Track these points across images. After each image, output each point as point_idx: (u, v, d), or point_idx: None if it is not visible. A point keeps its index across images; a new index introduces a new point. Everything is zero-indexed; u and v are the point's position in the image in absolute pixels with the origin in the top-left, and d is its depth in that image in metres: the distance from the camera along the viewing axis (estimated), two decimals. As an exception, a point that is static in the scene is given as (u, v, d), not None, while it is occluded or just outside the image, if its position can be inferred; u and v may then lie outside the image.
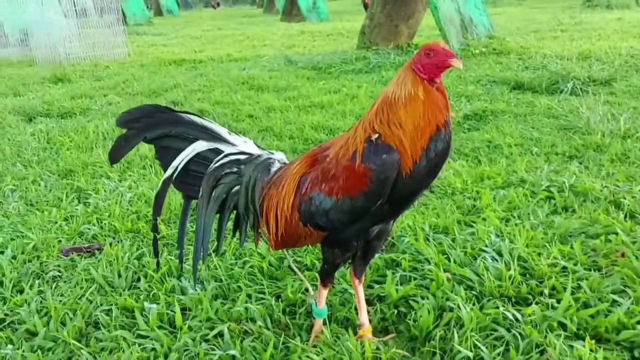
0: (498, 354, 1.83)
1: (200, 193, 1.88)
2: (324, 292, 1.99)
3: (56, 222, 3.20)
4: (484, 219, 2.89)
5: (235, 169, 1.90)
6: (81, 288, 2.46)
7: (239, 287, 2.37)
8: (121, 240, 2.93)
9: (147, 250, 2.77)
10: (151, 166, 4.11)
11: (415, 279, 2.33)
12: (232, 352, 1.93)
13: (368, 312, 2.15)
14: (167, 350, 1.98)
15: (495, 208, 3.03)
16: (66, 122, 5.75)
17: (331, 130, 4.96)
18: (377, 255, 2.45)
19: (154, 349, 1.99)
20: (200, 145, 1.88)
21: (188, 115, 1.90)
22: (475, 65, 7.68)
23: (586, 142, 4.10)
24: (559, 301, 2.09)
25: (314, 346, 1.94)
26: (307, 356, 1.84)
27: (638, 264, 2.27)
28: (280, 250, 2.60)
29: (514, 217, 2.95)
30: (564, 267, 2.36)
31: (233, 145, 1.92)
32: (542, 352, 1.82)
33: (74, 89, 7.73)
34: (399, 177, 1.63)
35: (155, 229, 2.01)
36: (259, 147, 1.99)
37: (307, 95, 6.49)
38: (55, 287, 2.51)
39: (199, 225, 1.92)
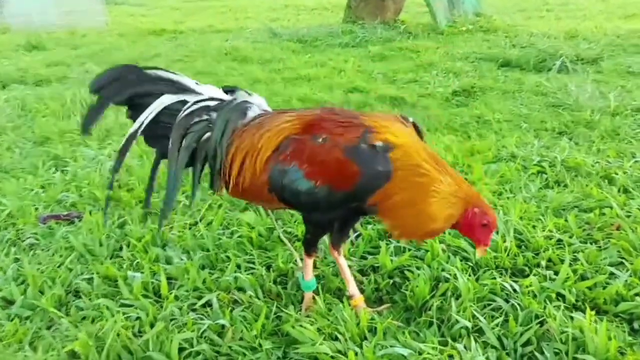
0: (497, 325, 1.79)
1: (170, 144, 1.77)
2: (309, 262, 1.92)
3: (32, 190, 3.06)
4: (476, 192, 2.84)
5: (205, 117, 1.80)
6: (60, 256, 2.35)
7: (228, 257, 2.28)
8: (101, 209, 2.81)
9: (129, 218, 2.65)
10: (132, 135, 3.95)
11: (409, 250, 2.26)
12: (221, 321, 1.85)
13: (361, 282, 2.09)
14: (152, 319, 1.88)
15: (487, 181, 2.97)
16: (42, 89, 5.53)
17: (318, 103, 4.85)
18: (354, 228, 2.39)
19: (138, 318, 1.89)
20: (166, 99, 1.79)
21: (155, 71, 1.81)
22: (462, 43, 7.61)
23: (576, 118, 4.07)
24: (556, 273, 2.06)
25: (307, 316, 1.87)
26: (301, 325, 1.77)
27: (635, 237, 2.24)
28: (269, 221, 2.52)
29: (506, 190, 2.90)
30: (560, 240, 2.32)
31: (200, 94, 1.83)
32: (542, 323, 1.77)
33: (50, 56, 7.46)
34: None
35: (110, 186, 1.92)
36: (233, 91, 1.90)
37: (293, 67, 6.34)
38: (33, 255, 2.39)
39: (169, 176, 1.78)
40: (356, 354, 1.66)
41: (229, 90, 1.92)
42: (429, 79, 5.67)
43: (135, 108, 1.81)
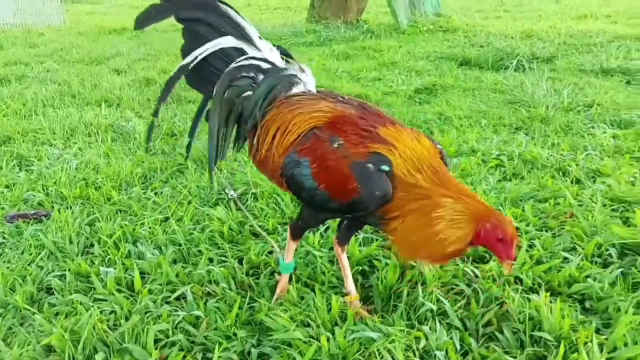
0: (459, 307, 1.89)
1: (214, 92, 1.74)
2: (293, 246, 1.97)
3: (-4, 189, 3.02)
4: (439, 185, 2.95)
5: (252, 74, 1.79)
6: (30, 254, 2.34)
7: (199, 251, 2.33)
8: (70, 207, 2.80)
9: (99, 215, 2.66)
10: (97, 133, 3.93)
11: (377, 240, 2.35)
12: (195, 312, 1.89)
13: (333, 272, 2.16)
14: (127, 312, 1.91)
15: (449, 175, 3.09)
16: (1, 88, 5.40)
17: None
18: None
19: (113, 312, 1.92)
20: (227, 41, 1.77)
21: (227, 7, 1.80)
22: (423, 42, 7.79)
23: (531, 114, 4.25)
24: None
25: (280, 304, 1.93)
26: (275, 313, 1.83)
27: (586, 224, 2.39)
28: (240, 215, 2.57)
29: (467, 183, 3.02)
30: (517, 228, 2.45)
31: (259, 50, 1.82)
32: (501, 305, 1.89)
33: (7, 55, 7.28)
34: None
35: (155, 113, 1.89)
36: (288, 60, 1.89)
37: (257, 66, 6.36)
38: (1, 254, 2.37)
39: (211, 129, 1.76)
40: (328, 339, 1.73)
41: (284, 53, 1.90)
42: (392, 77, 5.80)
43: (191, 34, 1.79)
